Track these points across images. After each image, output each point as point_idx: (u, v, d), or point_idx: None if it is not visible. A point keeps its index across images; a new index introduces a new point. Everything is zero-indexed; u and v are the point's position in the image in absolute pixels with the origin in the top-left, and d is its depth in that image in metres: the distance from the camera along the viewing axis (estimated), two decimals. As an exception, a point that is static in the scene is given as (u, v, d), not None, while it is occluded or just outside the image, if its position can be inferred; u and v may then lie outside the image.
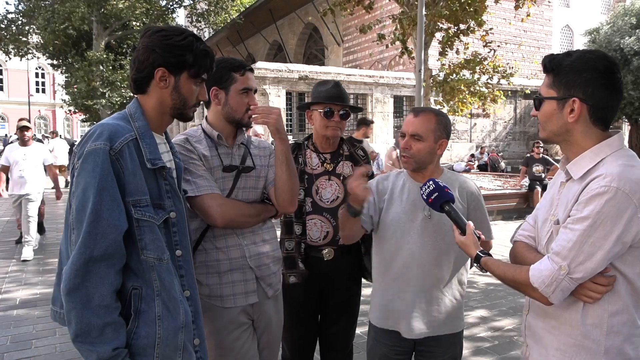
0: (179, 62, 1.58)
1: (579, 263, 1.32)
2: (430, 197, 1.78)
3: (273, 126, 1.97)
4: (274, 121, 1.96)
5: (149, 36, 1.59)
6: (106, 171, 1.42)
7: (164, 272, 1.51)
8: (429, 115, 2.04)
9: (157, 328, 1.48)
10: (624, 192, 1.28)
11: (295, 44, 27.94)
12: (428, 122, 2.01)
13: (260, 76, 14.39)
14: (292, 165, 2.06)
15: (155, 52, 1.56)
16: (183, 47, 1.58)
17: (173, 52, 1.57)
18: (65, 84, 23.45)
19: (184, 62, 1.59)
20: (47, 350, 3.82)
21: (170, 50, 1.57)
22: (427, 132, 2.01)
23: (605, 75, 1.39)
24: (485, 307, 4.85)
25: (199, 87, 1.66)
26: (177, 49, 1.58)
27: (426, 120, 2.02)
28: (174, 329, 1.51)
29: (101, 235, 1.37)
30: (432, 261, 2.02)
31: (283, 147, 2.01)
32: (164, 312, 1.49)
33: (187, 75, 1.61)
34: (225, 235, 2.01)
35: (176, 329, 1.52)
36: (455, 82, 11.20)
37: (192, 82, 1.63)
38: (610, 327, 1.38)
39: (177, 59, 1.58)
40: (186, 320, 1.57)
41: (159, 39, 1.58)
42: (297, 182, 2.10)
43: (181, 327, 1.54)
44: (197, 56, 1.61)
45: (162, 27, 1.64)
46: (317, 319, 2.57)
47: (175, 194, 1.61)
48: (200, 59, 1.62)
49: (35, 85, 47.59)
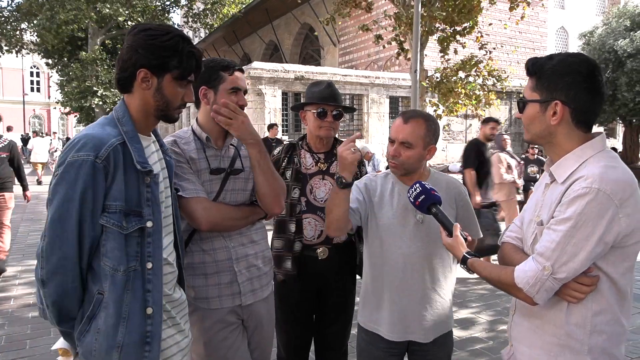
0: (161, 63, 1.53)
1: (563, 263, 1.34)
2: (417, 199, 1.78)
3: (235, 131, 1.92)
4: (235, 127, 1.90)
5: (134, 35, 1.54)
6: (88, 184, 1.41)
7: (117, 284, 1.45)
8: (419, 121, 1.99)
9: (94, 341, 1.45)
10: (605, 193, 1.31)
11: (291, 44, 27.91)
12: (418, 129, 1.97)
13: (256, 76, 14.38)
14: (267, 168, 2.01)
15: (138, 53, 1.51)
16: (167, 48, 1.52)
17: (156, 54, 1.52)
18: (59, 83, 23.38)
19: (167, 63, 1.53)
20: (41, 350, 3.82)
21: (154, 52, 1.51)
22: (417, 139, 1.97)
23: (587, 78, 1.42)
24: (479, 308, 4.87)
25: (184, 89, 1.61)
26: (161, 50, 1.52)
27: (416, 127, 1.97)
28: (107, 347, 1.44)
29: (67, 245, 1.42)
30: (425, 265, 2.01)
31: (252, 151, 1.97)
32: (103, 326, 1.45)
33: (170, 77, 1.56)
34: (212, 237, 1.99)
35: (109, 347, 1.44)
36: (451, 83, 11.24)
37: (176, 84, 1.57)
38: (594, 327, 1.40)
39: (160, 61, 1.52)
40: (130, 340, 1.46)
41: (144, 38, 1.52)
42: (279, 183, 2.06)
43: (117, 346, 1.45)
44: (183, 58, 1.55)
45: (149, 26, 1.57)
46: (313, 319, 2.58)
47: (156, 203, 1.55)
48: (185, 60, 1.56)
49: (30, 84, 47.30)
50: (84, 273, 1.47)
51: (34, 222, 9.36)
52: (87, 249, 1.45)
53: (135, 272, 1.49)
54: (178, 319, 1.70)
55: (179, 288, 1.76)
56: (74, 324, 1.49)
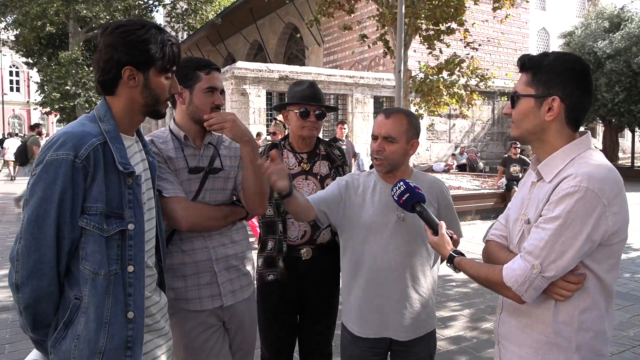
0: (145, 58, 1.50)
1: (551, 262, 1.34)
2: (401, 198, 1.77)
3: (229, 132, 1.92)
4: (229, 128, 1.91)
5: (110, 33, 1.50)
6: (67, 184, 1.37)
7: (97, 288, 1.41)
8: (401, 116, 2.02)
9: (74, 348, 1.40)
10: (593, 192, 1.31)
11: (276, 44, 27.88)
12: (400, 124, 1.99)
13: (241, 76, 14.31)
14: (259, 167, 2.00)
15: (118, 51, 1.47)
16: (147, 41, 1.49)
17: (138, 48, 1.48)
18: (39, 84, 22.99)
19: (151, 57, 1.50)
20: (20, 355, 3.73)
21: (135, 47, 1.48)
22: (400, 133, 1.99)
23: (582, 77, 1.43)
24: (463, 306, 4.89)
25: (169, 81, 1.59)
26: (142, 44, 1.49)
27: (398, 121, 1.99)
28: (87, 354, 1.40)
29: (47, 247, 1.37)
30: (405, 263, 2.01)
31: (246, 149, 1.96)
32: (83, 332, 1.40)
33: (155, 70, 1.53)
34: (192, 238, 1.97)
35: (91, 354, 1.40)
36: (433, 83, 11.31)
37: (161, 77, 1.55)
38: (581, 324, 1.40)
39: (143, 55, 1.49)
40: (111, 346, 1.43)
41: (121, 35, 1.48)
42: (266, 183, 2.05)
43: (99, 352, 1.41)
44: (164, 48, 1.52)
45: (122, 22, 1.53)
46: (297, 320, 2.56)
47: (138, 205, 1.52)
48: (166, 50, 1.53)
49: (9, 84, 46.51)
50: (61, 277, 1.42)
51: (12, 224, 9.17)
52: (65, 252, 1.40)
53: (116, 276, 1.45)
54: (162, 322, 1.66)
55: (159, 291, 1.72)
56: (48, 331, 1.44)
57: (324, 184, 2.46)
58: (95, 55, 1.55)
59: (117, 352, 1.44)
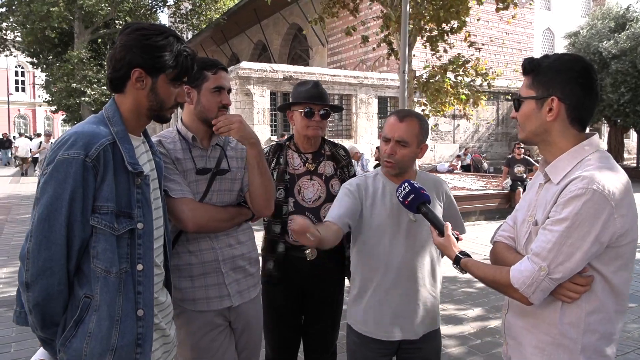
0: (157, 64, 1.52)
1: (559, 263, 1.34)
2: (406, 199, 1.77)
3: (237, 134, 1.94)
4: (235, 130, 1.92)
5: (128, 34, 1.52)
6: (78, 183, 1.38)
7: (109, 286, 1.43)
8: (414, 120, 2.01)
9: (85, 346, 1.41)
10: (601, 194, 1.30)
11: (280, 44, 27.87)
12: (413, 128, 1.99)
13: (245, 76, 14.32)
14: (265, 169, 2.02)
15: (132, 52, 1.49)
16: (162, 48, 1.51)
17: (151, 54, 1.50)
18: (45, 83, 23.06)
19: (163, 64, 1.52)
20: (27, 354, 3.75)
21: (149, 51, 1.50)
22: (412, 137, 1.99)
23: (582, 75, 1.43)
24: (470, 305, 4.89)
25: (178, 89, 1.60)
26: (156, 50, 1.51)
27: (411, 125, 1.99)
28: (100, 351, 1.41)
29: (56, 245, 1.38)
30: (418, 264, 2.02)
31: (253, 151, 1.98)
32: (95, 330, 1.41)
33: (165, 77, 1.55)
34: (198, 238, 1.97)
35: (103, 351, 1.42)
36: (439, 83, 11.28)
37: (170, 85, 1.57)
38: (587, 326, 1.40)
39: (155, 61, 1.51)
40: (123, 343, 1.45)
41: (138, 37, 1.50)
42: (272, 185, 2.07)
43: (111, 349, 1.43)
44: (178, 58, 1.54)
45: (143, 25, 1.55)
46: (301, 320, 2.57)
47: (147, 204, 1.54)
48: (180, 61, 1.55)
49: (14, 84, 46.69)
50: (70, 276, 1.43)
51: (19, 223, 9.21)
52: (75, 251, 1.41)
53: (126, 274, 1.47)
54: (163, 323, 1.67)
55: (165, 291, 1.74)
56: (57, 330, 1.45)
57: (329, 185, 2.47)
58: (110, 51, 1.57)
59: (129, 350, 1.46)
